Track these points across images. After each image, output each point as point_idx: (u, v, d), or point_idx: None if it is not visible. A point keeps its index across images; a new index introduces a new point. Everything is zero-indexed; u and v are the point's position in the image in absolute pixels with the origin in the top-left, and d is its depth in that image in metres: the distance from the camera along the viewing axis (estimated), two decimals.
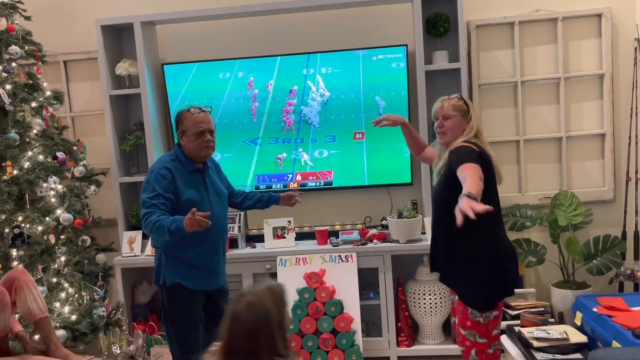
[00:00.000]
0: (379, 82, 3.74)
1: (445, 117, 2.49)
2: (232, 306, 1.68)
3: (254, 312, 1.63)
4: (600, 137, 3.81)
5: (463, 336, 2.46)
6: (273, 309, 1.66)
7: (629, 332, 2.80)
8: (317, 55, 3.76)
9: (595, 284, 3.72)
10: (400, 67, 3.70)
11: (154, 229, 2.48)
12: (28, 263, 3.15)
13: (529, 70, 3.82)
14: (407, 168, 3.78)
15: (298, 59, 3.77)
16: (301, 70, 3.77)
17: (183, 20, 3.81)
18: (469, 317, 2.42)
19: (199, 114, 2.68)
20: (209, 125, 2.69)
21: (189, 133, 2.66)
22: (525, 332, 3.17)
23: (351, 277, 3.49)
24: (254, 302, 1.65)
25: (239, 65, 3.81)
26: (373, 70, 3.73)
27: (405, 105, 3.72)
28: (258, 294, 1.68)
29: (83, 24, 3.97)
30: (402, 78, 3.71)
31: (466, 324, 2.43)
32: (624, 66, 3.73)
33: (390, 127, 2.87)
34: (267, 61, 3.79)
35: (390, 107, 3.73)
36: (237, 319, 1.64)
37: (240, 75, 3.82)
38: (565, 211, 3.59)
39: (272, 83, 3.80)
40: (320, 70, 3.76)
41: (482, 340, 2.41)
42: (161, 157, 2.77)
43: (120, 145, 3.88)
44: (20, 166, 3.16)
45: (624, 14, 3.70)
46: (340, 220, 3.97)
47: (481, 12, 3.79)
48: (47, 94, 3.46)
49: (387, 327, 3.56)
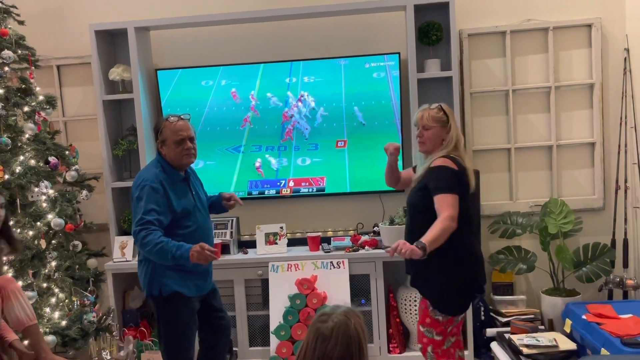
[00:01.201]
0: (360, 91, 3.76)
1: (425, 127, 2.56)
2: (317, 326, 1.64)
3: (345, 338, 1.60)
4: (590, 145, 3.85)
5: (421, 333, 2.57)
6: (362, 336, 1.64)
7: (617, 340, 2.83)
8: (300, 64, 3.78)
9: (584, 292, 3.75)
10: (381, 76, 3.73)
11: (154, 250, 2.46)
12: (18, 268, 3.13)
13: (520, 79, 3.85)
14: None
15: (281, 66, 3.79)
16: (284, 78, 3.79)
17: (177, 26, 3.82)
18: (429, 314, 2.52)
19: (177, 122, 2.65)
20: (188, 133, 2.67)
21: (168, 142, 2.64)
22: (515, 339, 3.19)
23: (343, 284, 3.50)
24: (343, 322, 1.62)
25: (227, 71, 3.82)
26: (355, 79, 3.75)
27: (390, 114, 3.75)
28: (345, 314, 1.65)
29: (77, 28, 3.97)
30: (384, 87, 3.74)
31: (425, 320, 2.54)
32: (614, 76, 3.77)
33: (373, 137, 2.96)
34: (256, 68, 3.81)
35: (372, 115, 3.75)
36: (326, 339, 1.61)
37: (223, 83, 3.83)
38: (556, 219, 3.62)
39: (254, 93, 3.82)
40: (303, 79, 3.78)
41: (439, 338, 2.53)
42: (146, 168, 2.71)
43: (113, 150, 3.88)
44: (11, 171, 3.14)
45: (613, 24, 3.75)
46: (332, 226, 3.98)
47: (473, 21, 3.82)
48: (40, 98, 3.45)
49: (379, 334, 3.57)
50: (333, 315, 1.65)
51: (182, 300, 2.66)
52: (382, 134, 3.74)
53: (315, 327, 1.65)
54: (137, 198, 2.58)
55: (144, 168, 2.75)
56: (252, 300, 3.69)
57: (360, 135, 3.79)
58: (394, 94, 3.75)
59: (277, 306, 3.49)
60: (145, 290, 2.69)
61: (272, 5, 3.81)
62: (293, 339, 3.44)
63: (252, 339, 3.66)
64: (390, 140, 3.15)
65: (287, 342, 3.43)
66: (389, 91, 3.76)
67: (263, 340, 3.64)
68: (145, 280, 2.68)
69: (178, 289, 2.64)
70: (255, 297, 3.70)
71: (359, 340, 1.63)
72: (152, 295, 2.66)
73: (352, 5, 3.63)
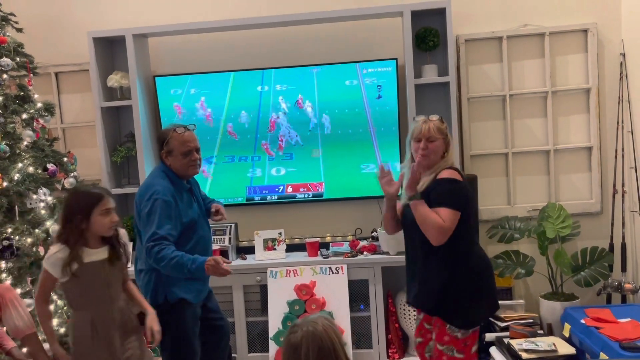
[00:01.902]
0: (333, 100, 3.78)
1: (430, 139, 2.46)
2: (288, 337, 1.68)
3: (315, 343, 1.61)
4: (587, 150, 3.86)
5: (440, 352, 2.42)
6: (334, 336, 1.65)
7: (616, 344, 2.83)
8: (272, 71, 3.80)
9: (583, 296, 3.75)
10: (354, 84, 3.75)
11: (170, 265, 2.46)
12: (17, 275, 3.13)
13: (517, 84, 3.87)
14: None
15: (253, 74, 3.82)
16: (256, 86, 3.82)
17: (175, 32, 3.83)
18: (447, 331, 2.39)
19: (184, 133, 2.65)
20: (195, 144, 2.68)
21: (175, 153, 2.64)
22: (514, 343, 3.19)
23: (341, 289, 3.50)
24: (311, 328, 1.64)
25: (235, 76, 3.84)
26: (327, 88, 3.78)
27: (364, 121, 3.78)
28: (313, 321, 1.66)
29: (75, 35, 3.98)
30: (357, 96, 3.76)
31: (443, 339, 2.40)
32: (610, 80, 3.79)
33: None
34: (256, 74, 3.83)
35: (348, 123, 3.78)
36: (297, 347, 1.64)
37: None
38: (554, 223, 3.62)
39: (226, 104, 3.84)
40: (275, 87, 3.80)
41: (460, 356, 2.38)
42: (153, 179, 2.67)
43: (111, 157, 3.88)
44: (10, 178, 3.14)
45: (609, 30, 3.77)
46: (330, 232, 3.98)
47: (470, 27, 3.84)
48: (38, 105, 3.46)
49: (378, 339, 3.56)
50: (302, 324, 1.67)
51: (187, 307, 2.67)
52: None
53: (287, 339, 1.69)
54: (149, 212, 2.54)
55: (149, 178, 2.70)
56: (251, 306, 3.68)
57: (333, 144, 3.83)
58: (367, 100, 3.76)
59: (276, 312, 3.48)
60: (148, 299, 2.68)
61: (270, 12, 3.83)
62: None
63: (251, 345, 3.65)
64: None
65: None
66: (362, 99, 3.76)
67: (262, 347, 3.63)
68: (149, 289, 2.68)
69: (184, 296, 2.65)
70: (254, 303, 3.70)
71: (330, 341, 1.63)
72: (157, 304, 2.65)
73: (349, 12, 3.65)
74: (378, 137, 3.80)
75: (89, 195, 2.34)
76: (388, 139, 3.79)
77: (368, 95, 3.77)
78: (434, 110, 3.76)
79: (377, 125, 3.79)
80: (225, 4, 3.94)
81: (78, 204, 2.32)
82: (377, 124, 3.79)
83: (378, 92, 3.76)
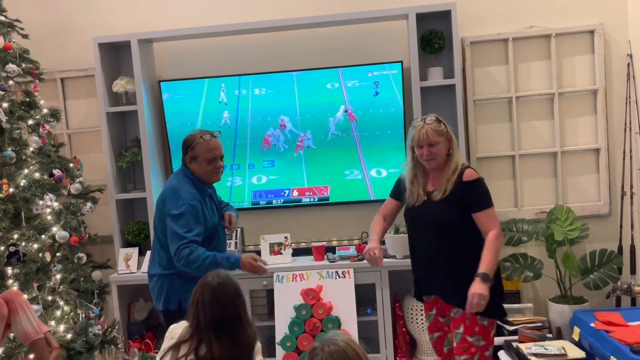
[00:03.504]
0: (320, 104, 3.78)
1: (431, 144, 2.48)
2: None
3: (342, 356, 1.61)
4: (595, 151, 3.83)
5: (469, 343, 2.50)
6: (357, 349, 1.65)
7: (627, 348, 2.79)
8: (277, 75, 3.78)
9: (592, 299, 3.72)
10: (335, 87, 3.74)
11: (204, 265, 2.48)
12: (23, 281, 3.13)
13: (523, 86, 3.85)
14: None
15: (281, 77, 3.80)
16: (233, 89, 3.81)
17: (180, 37, 3.83)
18: (477, 322, 2.49)
19: (211, 140, 2.67)
20: (220, 151, 2.71)
21: (200, 159, 2.65)
22: (523, 347, 3.17)
23: (348, 293, 3.48)
24: (336, 349, 1.62)
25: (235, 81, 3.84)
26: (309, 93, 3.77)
27: (372, 124, 3.77)
28: (334, 340, 1.65)
29: (80, 41, 3.99)
30: (364, 98, 3.74)
31: (474, 330, 2.49)
32: (617, 82, 3.76)
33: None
34: (261, 78, 3.82)
35: (354, 125, 3.77)
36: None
37: (242, 92, 3.84)
38: (562, 226, 3.59)
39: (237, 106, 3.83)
40: (253, 91, 3.81)
41: (484, 343, 2.52)
42: (178, 183, 2.67)
43: (117, 162, 3.88)
44: (16, 184, 3.15)
45: (616, 30, 3.75)
46: (336, 235, 3.96)
47: (475, 29, 3.83)
48: (44, 111, 3.46)
49: (385, 344, 3.54)
50: (322, 345, 1.62)
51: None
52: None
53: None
54: (178, 215, 2.56)
55: (174, 182, 2.69)
56: (257, 311, 3.67)
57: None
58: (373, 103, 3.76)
59: (283, 317, 3.47)
60: (160, 304, 2.69)
61: (277, 15, 3.82)
62: (299, 349, 3.42)
63: None
64: None
65: (293, 352, 3.41)
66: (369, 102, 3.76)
67: (269, 352, 3.61)
68: (161, 294, 2.68)
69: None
70: (260, 307, 3.68)
71: (356, 353, 1.61)
72: (168, 310, 2.66)
73: (355, 15, 3.64)
74: (384, 140, 3.78)
75: None
76: (394, 142, 3.77)
77: (375, 98, 3.76)
78: (440, 113, 3.73)
79: (384, 128, 3.77)
80: (231, 9, 3.93)
81: None
82: (383, 127, 3.77)
83: (375, 88, 3.73)
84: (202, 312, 1.97)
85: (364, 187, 3.84)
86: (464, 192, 2.46)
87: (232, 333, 1.97)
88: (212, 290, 1.99)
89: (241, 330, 1.99)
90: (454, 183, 2.47)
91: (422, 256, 2.63)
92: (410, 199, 2.60)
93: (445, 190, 2.49)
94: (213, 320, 1.96)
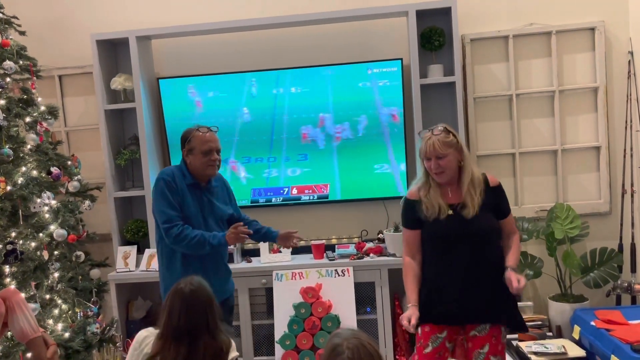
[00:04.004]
0: (338, 101, 3.75)
1: (439, 156, 2.35)
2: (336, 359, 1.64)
3: (366, 356, 1.60)
4: (596, 149, 3.82)
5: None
6: (377, 347, 1.64)
7: (627, 346, 2.79)
8: (276, 72, 3.77)
9: (592, 297, 3.71)
10: (360, 85, 3.72)
11: (191, 244, 2.60)
12: (21, 279, 3.11)
13: (524, 84, 3.83)
14: (404, 181, 3.78)
15: (273, 74, 3.78)
16: (275, 88, 3.79)
17: (178, 34, 3.81)
18: (502, 340, 2.41)
19: (206, 133, 2.73)
20: (216, 145, 2.75)
21: (196, 151, 2.70)
22: (523, 346, 3.16)
23: (348, 292, 3.47)
24: (358, 344, 1.61)
25: (220, 80, 3.81)
26: (335, 88, 3.75)
27: (372, 122, 3.74)
28: (355, 335, 1.65)
29: (78, 38, 3.96)
30: (364, 97, 3.73)
31: (498, 348, 2.40)
32: (618, 79, 3.75)
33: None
34: (249, 76, 3.80)
35: (355, 124, 3.75)
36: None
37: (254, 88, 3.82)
38: (562, 224, 3.58)
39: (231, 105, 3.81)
40: (279, 90, 3.78)
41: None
42: (165, 168, 2.83)
43: (115, 160, 3.86)
44: (13, 182, 3.13)
45: (617, 28, 3.73)
46: (336, 234, 3.95)
47: (476, 26, 3.81)
48: (42, 109, 3.44)
49: (384, 342, 3.53)
50: (345, 343, 1.59)
51: None
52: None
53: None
54: (155, 193, 2.70)
55: (164, 168, 2.87)
56: (257, 309, 3.66)
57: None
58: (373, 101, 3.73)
59: (282, 315, 3.45)
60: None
61: (274, 13, 3.80)
62: (298, 348, 3.41)
63: (256, 348, 3.63)
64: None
65: (292, 351, 3.40)
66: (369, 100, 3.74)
67: (268, 350, 3.60)
68: (166, 282, 2.72)
69: None
70: (259, 306, 3.67)
71: (377, 352, 1.61)
72: None
73: (354, 12, 3.62)
74: (385, 138, 3.77)
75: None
76: (394, 139, 3.76)
77: (374, 96, 3.74)
78: (440, 111, 3.75)
79: (383, 126, 3.75)
80: (229, 5, 3.91)
81: None
82: (383, 124, 3.75)
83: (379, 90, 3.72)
84: (172, 319, 1.97)
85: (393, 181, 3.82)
86: (493, 198, 2.42)
87: (200, 341, 1.95)
88: (182, 298, 1.98)
89: (210, 339, 1.97)
90: (482, 192, 2.39)
91: (457, 273, 2.38)
92: (429, 213, 2.39)
93: (476, 200, 2.37)
94: (183, 327, 1.94)
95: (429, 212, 2.39)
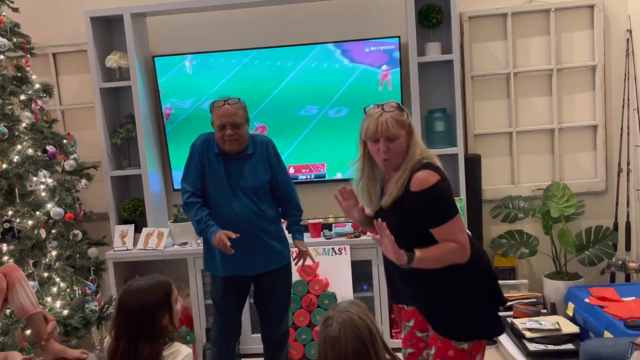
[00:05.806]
0: (331, 79, 3.71)
1: (390, 138, 1.95)
2: (325, 332, 1.64)
3: (353, 331, 1.61)
4: (593, 128, 3.82)
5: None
6: (369, 321, 1.64)
7: (620, 323, 2.82)
8: (271, 50, 3.73)
9: (587, 275, 3.75)
10: (357, 62, 3.69)
11: (194, 220, 2.70)
12: (18, 258, 3.12)
13: (522, 62, 3.81)
14: None
15: (278, 51, 3.75)
16: (282, 63, 3.75)
17: (173, 11, 3.77)
18: (452, 345, 2.01)
19: (222, 106, 2.64)
20: (229, 119, 2.61)
21: (214, 125, 2.69)
22: (517, 323, 3.19)
23: (344, 270, 3.49)
24: (347, 317, 1.62)
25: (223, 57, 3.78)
26: (328, 66, 3.70)
27: (367, 99, 3.66)
28: (346, 309, 1.65)
29: (72, 15, 3.91)
30: (359, 74, 3.69)
31: (447, 353, 2.01)
32: (616, 58, 3.73)
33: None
34: (248, 53, 3.77)
35: (349, 101, 3.63)
36: (336, 341, 1.61)
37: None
38: (558, 202, 3.60)
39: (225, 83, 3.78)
40: (275, 65, 3.74)
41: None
42: (205, 133, 2.82)
43: (111, 139, 3.84)
44: (9, 160, 3.11)
45: (616, 6, 3.70)
46: (333, 212, 3.95)
47: (474, 4, 3.77)
48: (36, 86, 3.41)
49: (381, 319, 3.56)
50: (336, 315, 1.66)
51: (214, 279, 2.86)
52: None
53: (324, 334, 1.66)
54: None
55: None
56: None
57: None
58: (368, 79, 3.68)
59: None
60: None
61: None
62: (295, 325, 3.44)
63: (254, 326, 3.65)
64: None
65: (289, 328, 3.42)
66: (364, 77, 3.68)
67: None
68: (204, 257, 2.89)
69: (211, 270, 2.85)
70: None
71: (367, 327, 1.63)
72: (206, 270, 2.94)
73: None
74: None
75: None
76: None
77: (370, 73, 3.72)
78: (438, 89, 3.73)
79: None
80: None
81: None
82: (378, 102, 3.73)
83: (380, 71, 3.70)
84: (116, 313, 1.91)
85: None
86: (415, 202, 1.95)
87: (138, 342, 1.85)
88: (123, 292, 1.92)
89: (145, 342, 1.85)
90: (400, 190, 1.97)
91: (389, 262, 2.08)
92: (367, 203, 2.14)
93: (392, 194, 1.99)
94: (119, 322, 1.88)
95: (366, 204, 2.15)
